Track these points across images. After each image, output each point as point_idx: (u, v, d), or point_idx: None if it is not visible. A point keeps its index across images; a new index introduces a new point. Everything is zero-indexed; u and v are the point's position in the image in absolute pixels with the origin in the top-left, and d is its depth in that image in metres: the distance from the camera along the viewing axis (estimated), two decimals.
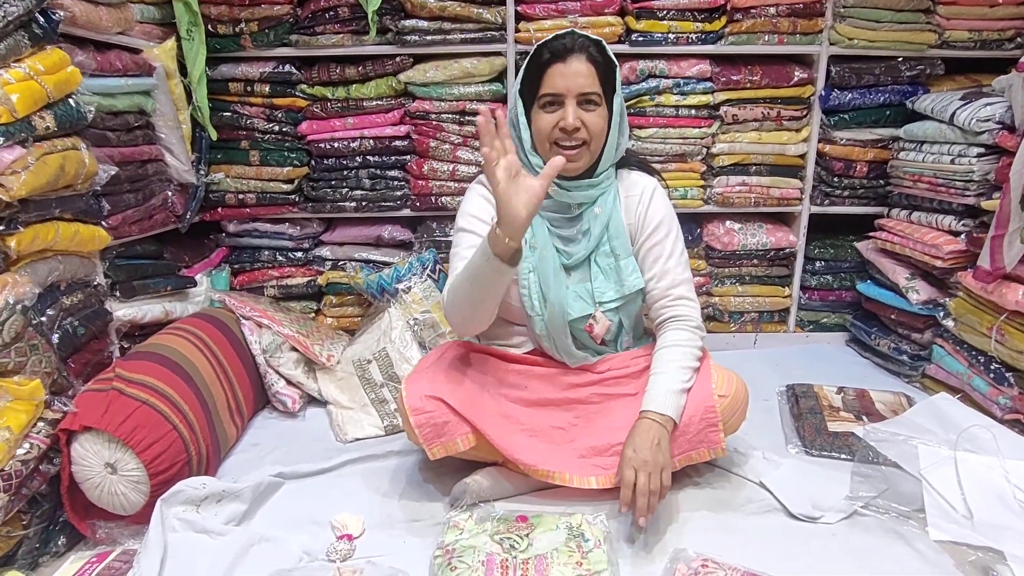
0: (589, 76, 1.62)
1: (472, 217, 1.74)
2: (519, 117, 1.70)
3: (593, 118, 1.64)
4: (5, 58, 1.47)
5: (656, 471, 1.49)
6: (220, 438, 1.92)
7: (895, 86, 2.58)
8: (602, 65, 1.65)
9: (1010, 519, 1.53)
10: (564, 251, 1.74)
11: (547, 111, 1.65)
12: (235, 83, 2.53)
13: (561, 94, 1.63)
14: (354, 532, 1.60)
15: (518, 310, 1.75)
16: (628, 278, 1.73)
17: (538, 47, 1.67)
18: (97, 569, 1.45)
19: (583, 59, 1.62)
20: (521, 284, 1.71)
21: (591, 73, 1.63)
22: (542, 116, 1.66)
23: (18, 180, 1.44)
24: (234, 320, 2.27)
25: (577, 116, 1.62)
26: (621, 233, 1.73)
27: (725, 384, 1.69)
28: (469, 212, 1.76)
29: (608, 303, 1.73)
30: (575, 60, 1.62)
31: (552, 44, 1.64)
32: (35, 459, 1.48)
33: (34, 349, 1.50)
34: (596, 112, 1.65)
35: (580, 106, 1.63)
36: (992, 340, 2.06)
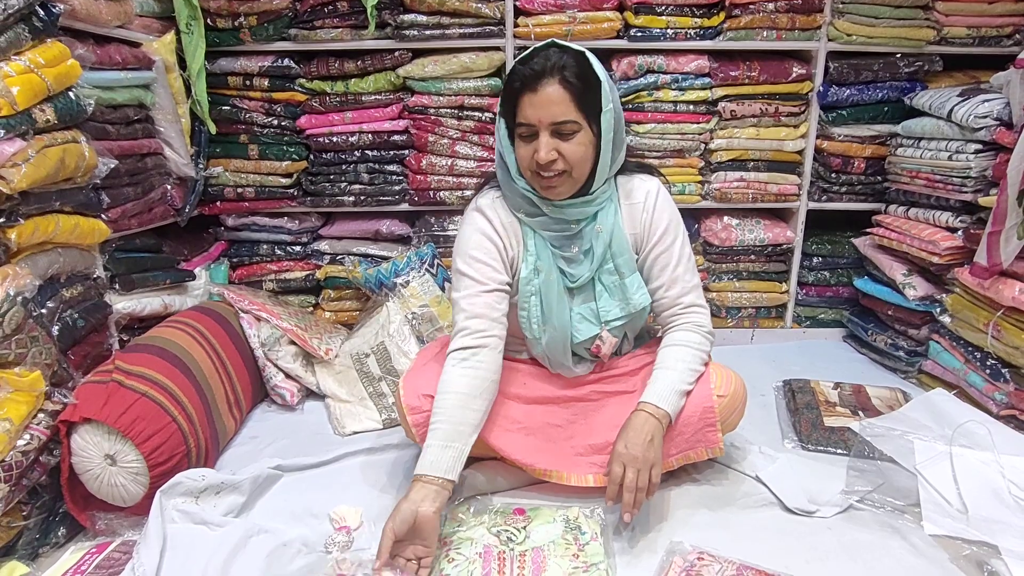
0: (562, 103, 1.49)
1: (471, 259, 1.65)
2: (503, 140, 1.62)
3: (571, 147, 1.52)
4: (6, 51, 1.47)
5: (645, 468, 1.47)
6: (219, 430, 1.93)
7: (893, 82, 2.59)
8: (578, 88, 1.50)
9: (1005, 514, 1.54)
10: (569, 273, 1.68)
11: (525, 141, 1.56)
12: (234, 77, 2.53)
13: (534, 124, 1.51)
14: (352, 524, 1.60)
15: (517, 329, 1.73)
16: (634, 296, 1.67)
17: (512, 69, 1.57)
18: (97, 560, 1.46)
19: (555, 83, 1.48)
20: (521, 307, 1.68)
21: (564, 100, 1.49)
22: (521, 146, 1.57)
23: (18, 172, 1.44)
24: (233, 313, 2.28)
25: (551, 148, 1.51)
26: (625, 249, 1.66)
27: (724, 384, 1.67)
28: (468, 252, 1.65)
29: (614, 322, 1.69)
30: (547, 86, 1.49)
31: (522, 69, 1.52)
32: (35, 450, 1.49)
33: (34, 341, 1.50)
34: (574, 140, 1.52)
35: (555, 136, 1.52)
36: (988, 336, 2.06)
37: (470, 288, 1.62)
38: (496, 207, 1.68)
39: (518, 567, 1.39)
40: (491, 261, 1.64)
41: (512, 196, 1.66)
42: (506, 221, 1.67)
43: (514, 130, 1.58)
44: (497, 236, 1.66)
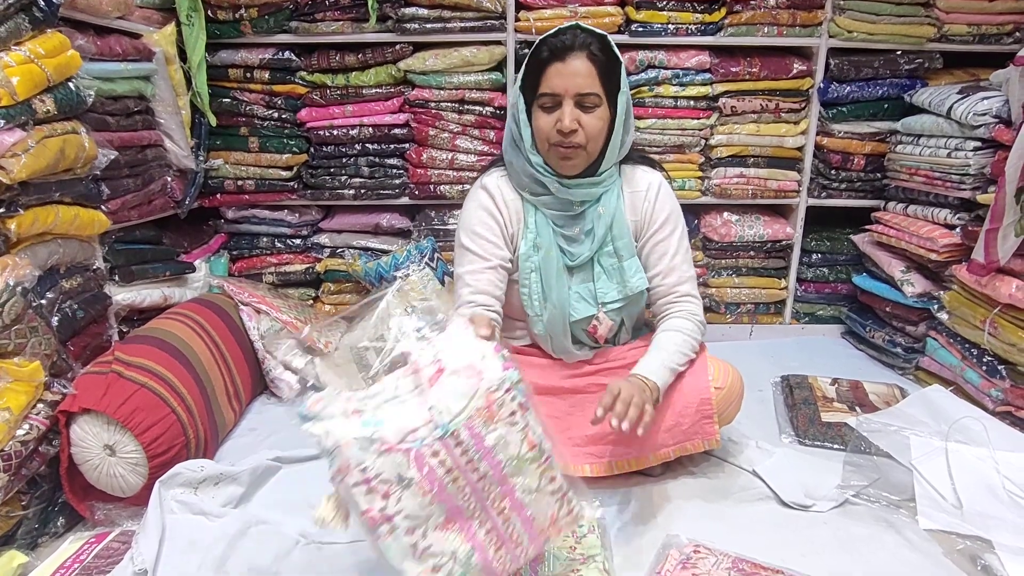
0: (588, 76, 1.57)
1: (474, 234, 1.70)
2: (520, 114, 1.67)
3: (591, 120, 1.59)
4: (6, 41, 1.47)
5: (639, 401, 1.42)
6: (218, 422, 1.93)
7: (893, 79, 2.59)
8: (604, 63, 1.59)
9: (999, 509, 1.54)
10: (568, 251, 1.72)
11: (546, 111, 1.61)
12: (235, 69, 2.53)
13: (559, 94, 1.58)
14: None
15: (519, 308, 1.75)
16: (631, 279, 1.71)
17: (539, 43, 1.62)
18: (95, 550, 1.46)
19: (583, 57, 1.57)
20: (522, 284, 1.71)
21: (591, 72, 1.57)
22: (541, 116, 1.62)
23: (18, 163, 1.45)
24: (232, 306, 2.28)
25: (574, 118, 1.57)
26: (625, 233, 1.71)
27: (721, 376, 1.70)
28: (471, 228, 1.71)
29: (611, 304, 1.72)
30: (574, 59, 1.57)
31: (552, 41, 1.59)
32: (35, 440, 1.50)
33: (34, 331, 1.50)
34: (595, 113, 1.60)
35: (578, 107, 1.59)
36: (985, 333, 2.07)
37: (474, 263, 1.69)
38: (500, 184, 1.73)
39: None
40: (493, 237, 1.70)
41: (519, 175, 1.70)
42: (508, 198, 1.72)
43: (533, 103, 1.63)
44: (498, 212, 1.71)
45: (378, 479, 1.08)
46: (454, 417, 1.11)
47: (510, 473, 1.16)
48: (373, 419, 1.11)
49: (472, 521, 1.15)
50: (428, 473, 1.10)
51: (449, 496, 1.12)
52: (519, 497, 1.18)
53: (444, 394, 1.12)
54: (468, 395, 1.12)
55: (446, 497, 1.12)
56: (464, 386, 1.13)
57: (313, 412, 1.13)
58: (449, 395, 1.12)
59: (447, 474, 1.11)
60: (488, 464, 1.14)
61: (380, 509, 1.08)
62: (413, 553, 1.10)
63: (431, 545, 1.11)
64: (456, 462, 1.12)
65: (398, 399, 1.15)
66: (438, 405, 1.11)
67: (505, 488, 1.16)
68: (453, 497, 1.12)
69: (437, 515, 1.12)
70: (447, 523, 1.13)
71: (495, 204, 1.72)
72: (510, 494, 1.17)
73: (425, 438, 1.10)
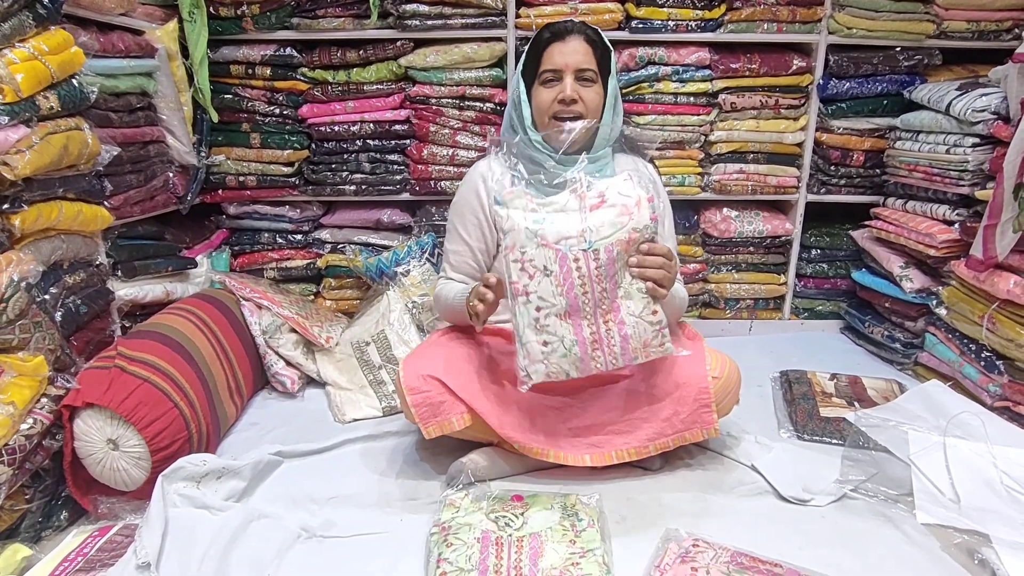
0: (586, 54, 1.74)
1: (461, 216, 1.84)
2: (521, 95, 1.79)
3: (590, 93, 1.75)
4: (10, 38, 1.47)
5: (671, 278, 1.55)
6: (220, 417, 1.94)
7: (893, 75, 2.60)
8: (599, 46, 1.77)
9: (996, 503, 1.55)
10: None
11: (547, 86, 1.77)
12: (236, 66, 2.54)
13: (560, 69, 1.74)
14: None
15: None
16: None
17: (540, 30, 1.80)
18: (99, 543, 1.47)
19: (581, 39, 1.75)
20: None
21: (588, 52, 1.75)
22: (542, 91, 1.77)
23: (22, 159, 1.45)
24: (234, 301, 2.29)
25: (575, 89, 1.73)
26: None
27: (719, 366, 1.71)
28: (459, 209, 1.86)
29: None
30: (573, 39, 1.75)
31: (552, 26, 1.78)
32: (38, 434, 1.51)
33: (38, 326, 1.51)
34: (592, 88, 1.76)
35: (577, 81, 1.74)
36: (983, 328, 2.08)
37: (458, 244, 1.85)
38: (491, 165, 1.83)
39: (515, 552, 1.40)
40: (476, 220, 1.82)
41: (517, 154, 1.77)
42: (498, 175, 1.80)
43: (534, 83, 1.78)
44: (485, 193, 1.80)
45: (530, 263, 1.48)
46: (601, 239, 1.47)
47: (622, 296, 1.50)
48: (542, 219, 1.50)
49: (583, 321, 1.50)
50: (565, 272, 1.47)
51: (574, 296, 1.48)
52: (623, 316, 1.50)
53: (599, 220, 1.48)
54: (617, 227, 1.48)
55: (571, 295, 1.48)
56: (616, 218, 1.49)
57: (504, 200, 1.53)
58: (603, 221, 1.48)
59: (579, 278, 1.48)
60: (611, 284, 1.49)
61: (524, 285, 1.49)
62: (535, 325, 1.49)
63: (548, 326, 1.49)
64: (588, 273, 1.48)
65: (564, 212, 1.51)
66: (592, 226, 1.48)
67: (615, 304, 1.50)
68: (576, 298, 1.48)
69: (560, 306, 1.48)
70: (565, 315, 1.49)
71: (484, 186, 1.81)
72: (617, 311, 1.50)
73: (573, 246, 1.47)
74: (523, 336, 1.50)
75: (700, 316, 2.89)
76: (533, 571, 1.35)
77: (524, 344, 1.51)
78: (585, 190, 1.52)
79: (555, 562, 1.37)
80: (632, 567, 1.41)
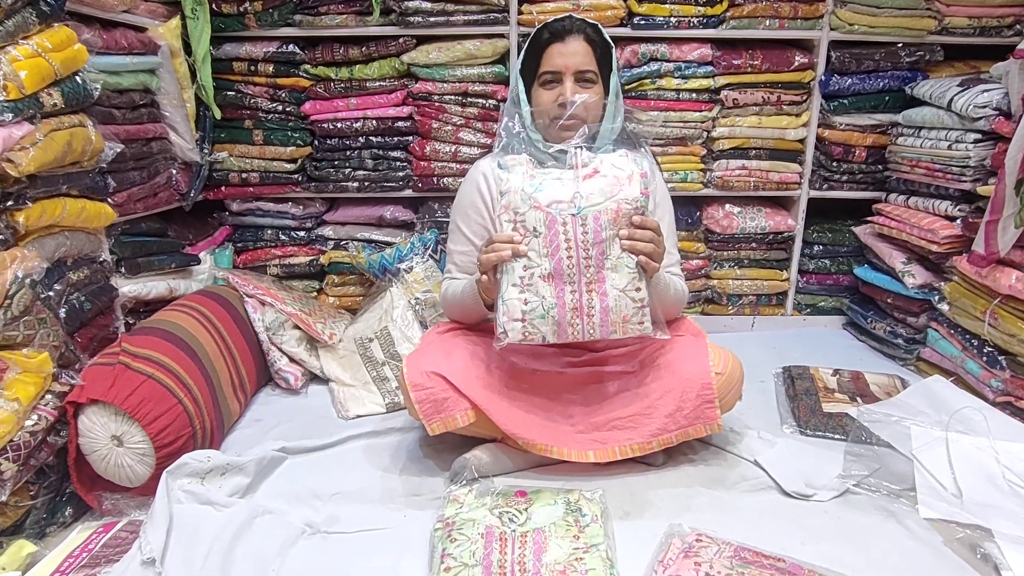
0: (586, 55, 1.72)
1: (465, 215, 1.84)
2: (520, 95, 1.78)
3: (589, 95, 1.72)
4: (13, 35, 1.48)
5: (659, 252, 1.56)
6: (224, 413, 1.95)
7: (894, 72, 2.59)
8: (599, 45, 1.74)
9: (998, 498, 1.55)
10: None
11: (546, 88, 1.75)
12: (239, 62, 2.54)
13: (559, 71, 1.72)
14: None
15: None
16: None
17: (538, 28, 1.77)
18: (103, 539, 1.47)
19: (580, 39, 1.72)
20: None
21: (588, 52, 1.72)
22: (541, 93, 1.76)
23: (26, 156, 1.46)
24: (237, 298, 2.30)
25: (574, 92, 1.71)
26: None
27: (722, 362, 1.72)
28: (462, 208, 1.85)
29: None
30: (573, 40, 1.72)
31: (551, 25, 1.75)
32: (43, 431, 1.51)
33: (42, 323, 1.52)
34: (592, 90, 1.73)
35: (577, 83, 1.73)
36: (986, 324, 2.08)
37: (462, 244, 1.84)
38: (492, 164, 1.80)
39: (519, 548, 1.41)
40: (480, 218, 1.82)
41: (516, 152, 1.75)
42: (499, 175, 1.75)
43: (533, 83, 1.77)
44: (487, 191, 1.80)
45: (522, 224, 1.54)
46: (590, 206, 1.52)
47: (609, 268, 1.54)
48: (538, 184, 1.55)
49: (565, 286, 1.54)
50: (553, 235, 1.52)
51: (559, 260, 1.53)
52: (606, 288, 1.54)
53: (590, 188, 1.53)
54: (607, 196, 1.53)
55: (557, 259, 1.53)
56: (607, 188, 1.54)
57: (506, 164, 1.61)
58: (594, 190, 1.53)
59: (565, 242, 1.52)
60: (597, 252, 1.53)
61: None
62: (520, 283, 1.55)
63: (532, 285, 1.54)
64: (575, 238, 1.52)
65: (560, 180, 1.56)
66: (583, 192, 1.53)
67: (600, 275, 1.54)
68: (561, 262, 1.53)
69: (545, 267, 1.53)
70: (548, 278, 1.54)
71: (486, 183, 1.82)
72: (601, 281, 1.54)
73: (563, 210, 1.52)
74: (505, 293, 1.55)
75: (703, 312, 2.89)
76: (537, 567, 1.35)
77: (505, 301, 1.55)
78: (580, 160, 1.58)
79: (559, 557, 1.37)
80: (635, 562, 1.42)
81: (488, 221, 1.82)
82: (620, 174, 1.55)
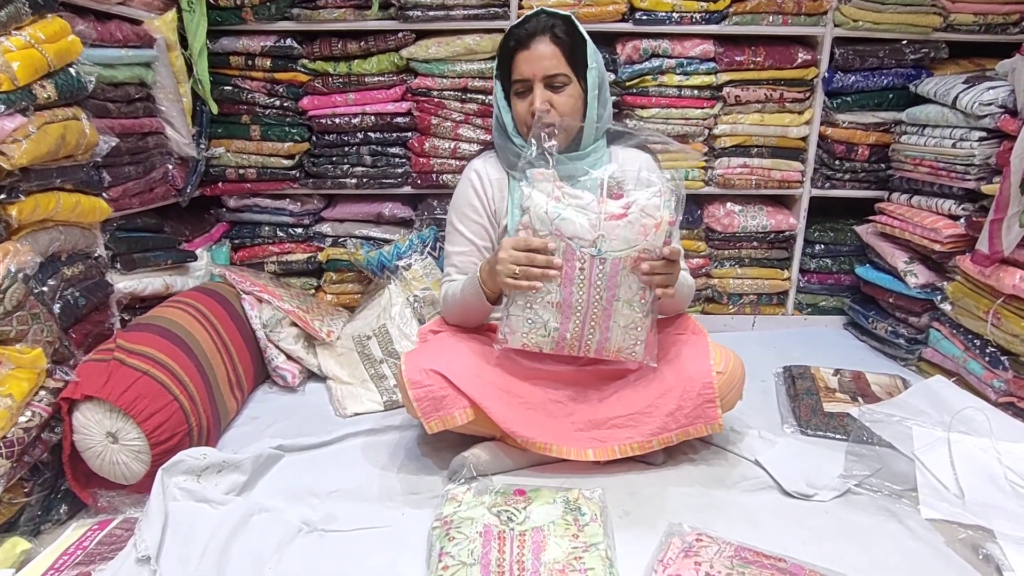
0: (553, 58, 1.67)
1: (463, 216, 1.82)
2: (500, 100, 1.78)
3: (562, 98, 1.69)
4: (6, 25, 1.46)
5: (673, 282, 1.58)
6: (220, 410, 1.93)
7: (899, 69, 2.58)
8: (568, 44, 1.68)
9: (1000, 499, 1.55)
10: None
11: (520, 97, 1.72)
12: (236, 57, 2.52)
13: (528, 79, 1.69)
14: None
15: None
16: None
17: (506, 34, 1.74)
18: (99, 537, 1.46)
19: (546, 41, 1.67)
20: None
21: (555, 54, 1.67)
22: (517, 103, 1.74)
23: (19, 148, 1.44)
24: (234, 295, 2.28)
25: (545, 99, 1.67)
26: None
27: (723, 361, 1.71)
28: (460, 209, 1.83)
29: None
30: (539, 43, 1.67)
31: (516, 31, 1.70)
32: (37, 427, 1.50)
33: (36, 318, 1.50)
34: (565, 91, 1.70)
35: (548, 88, 1.69)
36: (988, 324, 2.07)
37: (461, 245, 1.82)
38: (486, 164, 1.84)
39: (518, 547, 1.39)
40: (477, 218, 1.81)
41: (507, 155, 1.77)
42: (494, 177, 1.80)
43: (509, 90, 1.75)
44: (483, 191, 1.81)
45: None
46: (611, 251, 1.52)
47: (616, 309, 1.57)
48: (561, 211, 1.53)
49: (572, 315, 1.58)
50: (569, 267, 1.53)
51: (570, 291, 1.55)
52: (610, 324, 1.58)
53: (615, 232, 1.52)
54: (630, 244, 1.52)
55: (567, 290, 1.55)
56: (632, 237, 1.52)
57: (532, 178, 1.57)
58: (618, 236, 1.52)
59: (580, 277, 1.54)
60: (609, 294, 1.55)
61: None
62: (526, 303, 1.57)
63: (539, 308, 1.57)
64: (591, 278, 1.54)
65: (584, 211, 1.53)
66: (607, 236, 1.51)
67: (607, 312, 1.57)
68: (572, 295, 1.55)
69: (556, 295, 1.56)
70: (556, 305, 1.56)
71: (481, 184, 1.81)
72: (607, 318, 1.58)
73: (584, 248, 1.52)
74: (511, 308, 1.59)
75: (703, 311, 2.88)
76: (535, 565, 1.34)
77: (510, 315, 1.59)
78: (605, 196, 1.55)
79: (558, 556, 1.36)
80: (635, 562, 1.40)
81: (485, 220, 1.80)
82: (647, 223, 1.51)
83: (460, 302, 1.76)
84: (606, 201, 1.54)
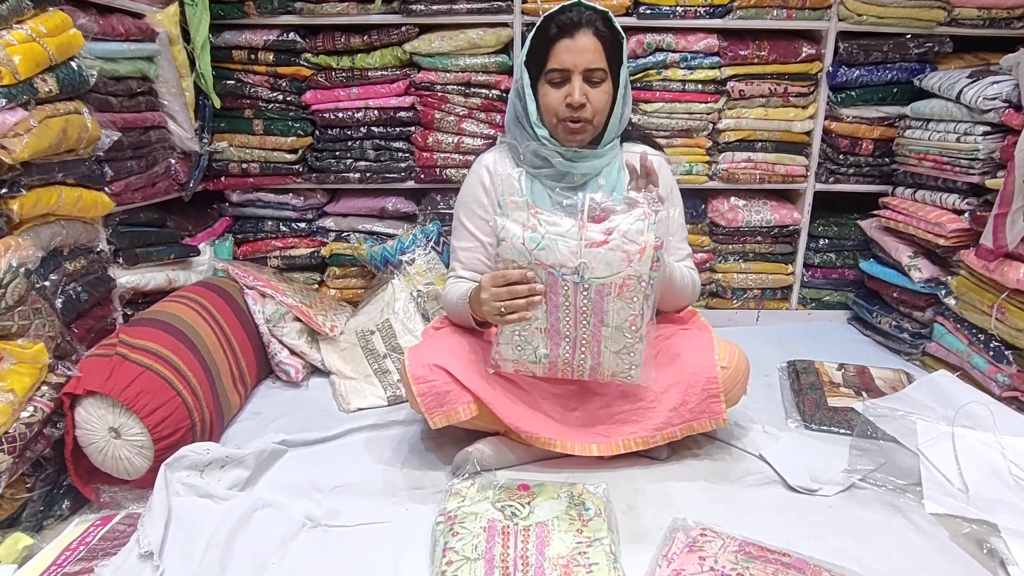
0: (596, 52, 1.63)
1: (470, 211, 1.80)
2: (525, 88, 1.70)
3: (597, 94, 1.66)
4: (7, 19, 1.45)
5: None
6: (223, 405, 1.93)
7: (903, 63, 2.57)
8: (609, 39, 1.65)
9: (1005, 493, 1.55)
10: None
11: (554, 87, 1.66)
12: (239, 51, 2.51)
13: (568, 70, 1.63)
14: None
15: None
16: None
17: (544, 19, 1.67)
18: (101, 532, 1.46)
19: (590, 34, 1.62)
20: None
21: (598, 48, 1.63)
22: (549, 92, 1.67)
23: (20, 142, 1.43)
24: (237, 289, 2.28)
25: (583, 92, 1.63)
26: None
27: (727, 356, 1.70)
28: (467, 205, 1.80)
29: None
30: (582, 35, 1.62)
31: (559, 18, 1.64)
32: (39, 422, 1.50)
33: (38, 313, 1.50)
34: (601, 88, 1.66)
35: (586, 82, 1.64)
36: (992, 318, 2.06)
37: (468, 240, 1.80)
38: (497, 159, 1.80)
39: (522, 541, 1.39)
40: (485, 215, 1.78)
41: (522, 149, 1.73)
42: (503, 173, 1.76)
43: (540, 78, 1.68)
44: (492, 188, 1.78)
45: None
46: (595, 278, 1.47)
47: (605, 335, 1.53)
48: (540, 239, 1.48)
49: (561, 341, 1.55)
50: (553, 293, 1.50)
51: (556, 317, 1.52)
52: (600, 349, 1.55)
53: (597, 259, 1.46)
54: (614, 270, 1.47)
55: (554, 316, 1.53)
56: (615, 263, 1.47)
57: (505, 209, 1.51)
58: (600, 262, 1.46)
59: (565, 304, 1.51)
60: (596, 320, 1.51)
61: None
62: (515, 331, 1.55)
63: (527, 336, 1.55)
64: (576, 304, 1.50)
65: (564, 238, 1.48)
66: (589, 264, 1.46)
67: (597, 336, 1.53)
68: (559, 321, 1.53)
69: (542, 322, 1.53)
70: (544, 331, 1.55)
71: (490, 179, 1.78)
72: (597, 342, 1.54)
73: (567, 276, 1.47)
74: (500, 336, 1.58)
75: (707, 306, 2.88)
76: (540, 560, 1.34)
77: (500, 343, 1.58)
78: (587, 215, 1.49)
79: (562, 551, 1.36)
80: (639, 556, 1.40)
81: (493, 206, 1.78)
82: (630, 248, 1.46)
83: (457, 317, 1.77)
84: (587, 226, 1.48)
